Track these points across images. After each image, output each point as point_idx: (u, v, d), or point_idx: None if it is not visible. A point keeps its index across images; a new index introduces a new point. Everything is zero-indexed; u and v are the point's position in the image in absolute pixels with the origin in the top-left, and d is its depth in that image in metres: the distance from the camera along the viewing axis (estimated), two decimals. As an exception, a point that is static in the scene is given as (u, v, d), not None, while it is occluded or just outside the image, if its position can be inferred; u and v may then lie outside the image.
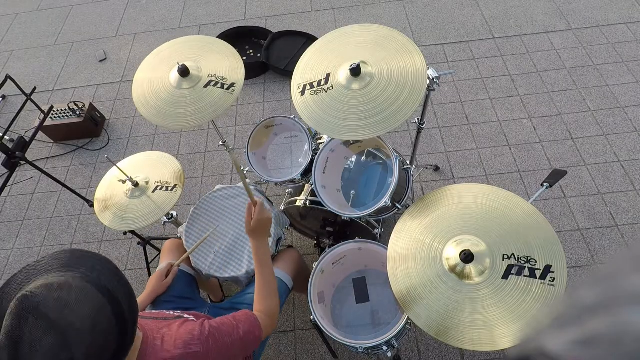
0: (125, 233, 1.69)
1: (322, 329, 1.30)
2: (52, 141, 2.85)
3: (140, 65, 1.61)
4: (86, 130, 2.76)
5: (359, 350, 1.27)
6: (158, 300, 1.33)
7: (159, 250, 2.18)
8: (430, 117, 2.56)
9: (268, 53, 2.93)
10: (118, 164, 1.58)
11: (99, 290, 0.65)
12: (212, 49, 1.60)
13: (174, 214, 1.73)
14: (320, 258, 1.43)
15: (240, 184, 1.58)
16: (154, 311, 1.11)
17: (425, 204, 1.28)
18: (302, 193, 1.67)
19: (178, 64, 1.50)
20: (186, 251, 1.47)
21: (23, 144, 1.72)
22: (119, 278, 0.70)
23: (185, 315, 1.07)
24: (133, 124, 2.87)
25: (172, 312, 1.09)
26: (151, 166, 1.67)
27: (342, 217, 1.51)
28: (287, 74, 2.87)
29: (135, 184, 1.58)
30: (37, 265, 0.68)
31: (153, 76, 1.57)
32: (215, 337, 0.91)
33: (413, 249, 1.20)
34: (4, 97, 3.16)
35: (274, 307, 1.11)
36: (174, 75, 1.53)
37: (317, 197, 1.49)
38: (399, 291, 1.16)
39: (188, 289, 1.43)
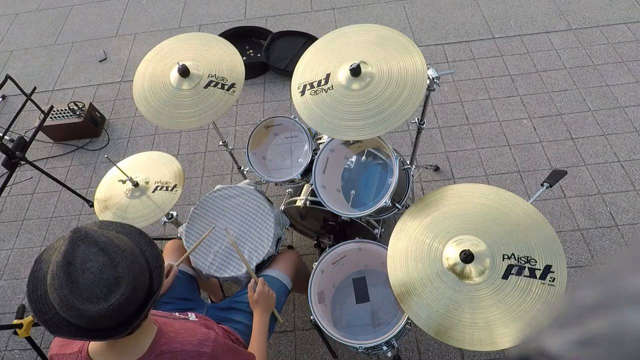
0: (125, 233, 1.69)
1: (322, 329, 1.30)
2: (52, 141, 2.85)
3: (141, 63, 1.61)
4: (86, 130, 2.76)
5: (359, 350, 1.27)
6: (158, 301, 1.33)
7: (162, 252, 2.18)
8: (430, 117, 2.56)
9: (268, 53, 2.93)
10: (118, 164, 1.58)
11: (136, 245, 0.80)
12: (213, 47, 1.60)
13: (174, 214, 1.73)
14: (320, 258, 1.43)
15: (240, 184, 1.58)
16: (160, 311, 1.12)
17: (425, 204, 1.28)
18: (302, 193, 1.67)
19: (178, 64, 1.50)
20: (186, 251, 1.47)
21: (23, 144, 1.72)
22: (155, 252, 0.84)
23: (191, 318, 1.09)
24: (133, 124, 2.87)
25: (176, 314, 1.10)
26: (151, 166, 1.67)
27: (342, 217, 1.51)
28: (287, 74, 2.87)
29: (135, 184, 1.57)
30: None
31: (154, 73, 1.57)
32: (224, 349, 0.93)
33: (413, 249, 1.20)
34: (4, 97, 3.16)
35: None
36: (174, 75, 1.53)
37: (317, 197, 1.49)
38: (399, 291, 1.16)
39: (188, 290, 1.43)
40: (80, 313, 0.68)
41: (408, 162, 1.85)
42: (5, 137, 2.10)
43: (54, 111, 2.67)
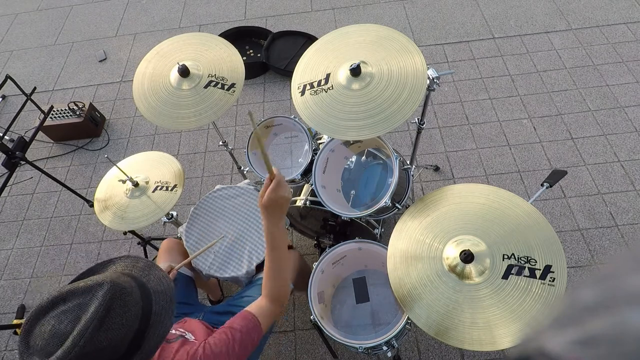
0: (125, 233, 1.69)
1: (322, 329, 1.30)
2: (52, 141, 2.85)
3: (141, 63, 1.61)
4: (86, 130, 2.76)
5: (359, 350, 1.27)
6: None
7: (156, 249, 2.18)
8: (430, 117, 2.56)
9: (268, 53, 2.93)
10: (118, 164, 1.58)
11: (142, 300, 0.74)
12: (213, 47, 1.60)
13: (174, 214, 1.73)
14: (320, 258, 1.43)
15: (240, 184, 1.58)
16: None
17: (425, 204, 1.28)
18: (302, 193, 1.67)
19: (178, 64, 1.50)
20: (185, 251, 1.47)
21: (23, 144, 1.72)
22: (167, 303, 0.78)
23: (187, 336, 1.05)
24: (133, 124, 2.87)
25: (173, 331, 1.07)
26: (151, 166, 1.67)
27: (342, 217, 1.51)
28: (287, 74, 2.87)
29: (135, 184, 1.58)
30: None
31: (154, 73, 1.57)
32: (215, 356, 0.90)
33: (413, 249, 1.20)
34: (4, 97, 3.16)
35: (281, 291, 1.03)
36: (174, 75, 1.53)
37: (317, 197, 1.49)
38: (399, 291, 1.16)
39: (186, 293, 1.42)
40: None
41: (408, 162, 1.85)
42: (5, 137, 2.10)
43: (54, 111, 2.67)
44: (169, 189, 1.58)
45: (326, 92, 1.33)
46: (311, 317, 1.33)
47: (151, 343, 0.72)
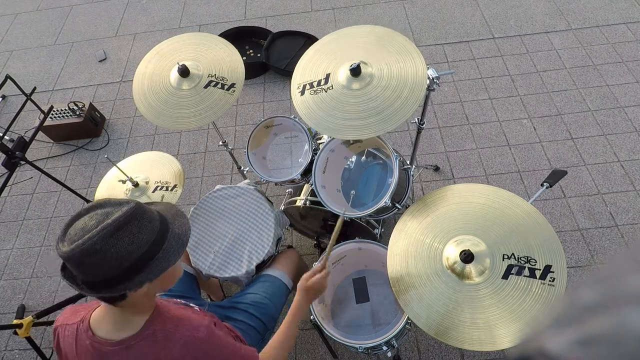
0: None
1: (322, 329, 1.30)
2: (52, 141, 2.85)
3: (141, 63, 1.61)
4: (86, 130, 2.76)
5: (359, 350, 1.27)
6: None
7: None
8: (430, 117, 2.56)
9: (268, 53, 2.93)
10: (118, 164, 1.58)
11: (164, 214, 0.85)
12: (213, 47, 1.60)
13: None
14: (321, 258, 1.43)
15: (240, 184, 1.58)
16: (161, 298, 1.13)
17: (425, 204, 1.28)
18: (302, 193, 1.67)
19: (178, 64, 1.50)
20: (185, 252, 1.47)
21: (23, 144, 1.72)
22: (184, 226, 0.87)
23: (192, 305, 1.09)
24: (133, 124, 2.87)
25: (180, 301, 1.10)
26: (151, 166, 1.67)
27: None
28: (287, 74, 2.87)
29: (135, 184, 1.57)
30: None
31: (154, 73, 1.57)
32: (218, 338, 0.92)
33: (413, 249, 1.20)
34: (4, 97, 3.16)
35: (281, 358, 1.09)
36: (174, 75, 1.53)
37: (317, 197, 1.49)
38: (399, 291, 1.16)
39: (188, 289, 1.43)
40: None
41: (408, 162, 1.85)
42: (5, 137, 2.10)
43: (54, 111, 2.67)
44: (169, 189, 1.58)
45: (326, 92, 1.33)
46: (311, 317, 1.33)
47: (150, 271, 0.78)
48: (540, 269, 1.08)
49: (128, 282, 0.76)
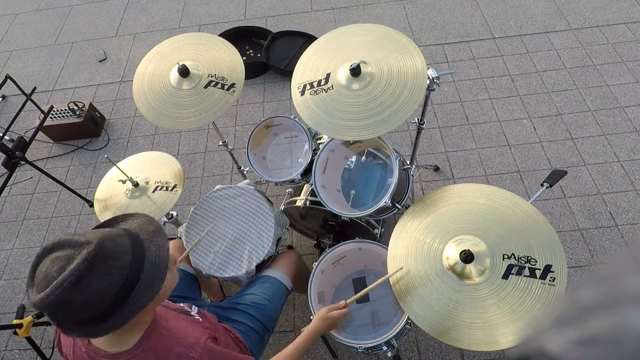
0: (125, 233, 1.69)
1: (322, 329, 1.30)
2: (52, 141, 2.85)
3: (141, 63, 1.61)
4: (86, 130, 2.76)
5: (359, 350, 1.26)
6: None
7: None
8: (430, 117, 2.56)
9: (268, 53, 2.93)
10: (118, 164, 1.58)
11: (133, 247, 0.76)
12: (213, 47, 1.60)
13: (174, 214, 1.73)
14: (320, 258, 1.43)
15: (240, 184, 1.58)
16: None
17: (425, 204, 1.27)
18: (302, 193, 1.67)
19: (178, 64, 1.50)
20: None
21: (23, 144, 1.72)
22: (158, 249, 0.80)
23: (192, 312, 1.08)
24: (133, 124, 2.87)
25: (180, 304, 1.10)
26: (151, 166, 1.67)
27: (342, 217, 1.51)
28: (287, 74, 2.87)
29: (135, 184, 1.57)
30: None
31: (154, 73, 1.57)
32: (214, 355, 0.91)
33: (413, 249, 1.20)
34: (4, 97, 3.16)
35: None
36: (174, 75, 1.53)
37: (317, 197, 1.49)
38: (399, 291, 1.16)
39: (189, 289, 1.43)
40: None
41: (408, 162, 1.85)
42: (5, 137, 2.10)
43: (54, 111, 2.67)
44: (169, 189, 1.58)
45: (326, 92, 1.33)
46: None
47: (130, 309, 0.74)
48: (540, 269, 1.08)
49: (109, 321, 0.72)
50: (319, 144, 1.67)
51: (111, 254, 0.72)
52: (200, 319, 1.09)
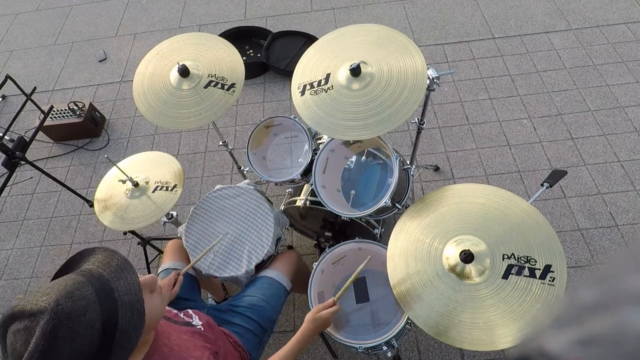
0: (125, 233, 1.69)
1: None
2: (52, 141, 2.85)
3: (141, 63, 1.61)
4: (86, 130, 2.76)
5: (359, 350, 1.26)
6: None
7: (158, 250, 2.18)
8: (430, 117, 2.56)
9: (268, 53, 2.93)
10: (118, 164, 1.58)
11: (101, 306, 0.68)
12: (213, 47, 1.60)
13: (174, 214, 1.73)
14: (320, 258, 1.43)
15: (240, 184, 1.58)
16: (166, 307, 1.11)
17: (425, 204, 1.27)
18: (302, 193, 1.67)
19: (178, 64, 1.50)
20: (187, 252, 1.47)
21: (23, 144, 1.72)
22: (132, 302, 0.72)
23: (194, 322, 1.06)
24: (133, 124, 2.87)
25: (182, 315, 1.08)
26: (151, 166, 1.67)
27: (342, 217, 1.51)
28: (287, 74, 2.87)
29: (135, 184, 1.57)
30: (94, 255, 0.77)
31: (154, 73, 1.57)
32: None
33: (413, 249, 1.20)
34: (4, 97, 3.16)
35: None
36: (174, 75, 1.53)
37: (317, 197, 1.49)
38: (399, 291, 1.16)
39: (189, 291, 1.42)
40: None
41: (408, 162, 1.85)
42: (5, 137, 2.10)
43: (54, 111, 2.67)
44: (169, 189, 1.58)
45: (326, 92, 1.33)
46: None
47: (120, 355, 0.68)
48: (540, 269, 1.08)
49: None
50: (319, 144, 1.67)
51: (72, 315, 0.64)
52: (203, 329, 1.07)
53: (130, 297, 0.70)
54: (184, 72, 1.50)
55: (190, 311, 1.14)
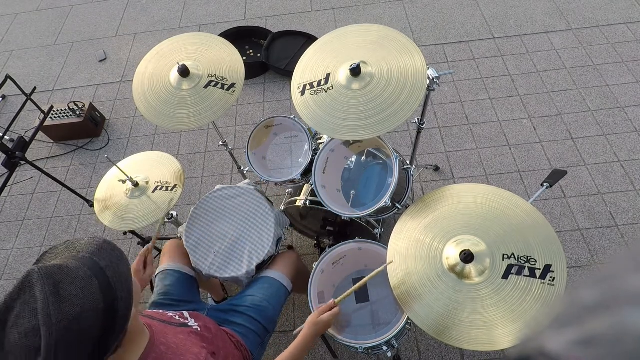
0: (125, 233, 1.69)
1: (322, 329, 1.30)
2: (52, 141, 2.85)
3: (141, 63, 1.61)
4: (86, 130, 2.76)
5: (359, 350, 1.27)
6: (160, 304, 1.32)
7: (158, 250, 2.18)
8: (430, 117, 2.56)
9: (268, 53, 2.93)
10: (118, 164, 1.58)
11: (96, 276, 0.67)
12: (213, 47, 1.60)
13: (174, 214, 1.73)
14: (320, 258, 1.43)
15: (240, 184, 1.58)
16: (160, 311, 1.11)
17: (425, 204, 1.28)
18: (302, 193, 1.67)
19: (178, 64, 1.50)
20: (186, 252, 1.47)
21: (23, 144, 1.72)
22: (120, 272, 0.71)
23: (190, 323, 1.06)
24: (133, 124, 2.87)
25: (177, 317, 1.08)
26: (151, 166, 1.67)
27: (342, 217, 1.51)
28: (287, 74, 2.87)
29: (135, 184, 1.57)
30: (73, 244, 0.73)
31: (154, 73, 1.57)
32: None
33: (413, 249, 1.20)
34: (4, 97, 3.16)
35: None
36: (174, 75, 1.53)
37: (317, 197, 1.49)
38: (399, 291, 1.16)
39: (189, 292, 1.42)
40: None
41: (408, 162, 1.85)
42: (5, 137, 2.10)
43: (54, 111, 2.67)
44: (169, 189, 1.58)
45: (326, 92, 1.33)
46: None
47: (123, 303, 0.68)
48: (540, 269, 1.08)
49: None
50: (319, 144, 1.67)
51: (62, 271, 0.64)
52: (199, 329, 1.06)
53: (111, 260, 0.70)
54: (184, 72, 1.50)
55: (185, 314, 1.13)
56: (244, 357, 1.21)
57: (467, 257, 1.09)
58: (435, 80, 1.36)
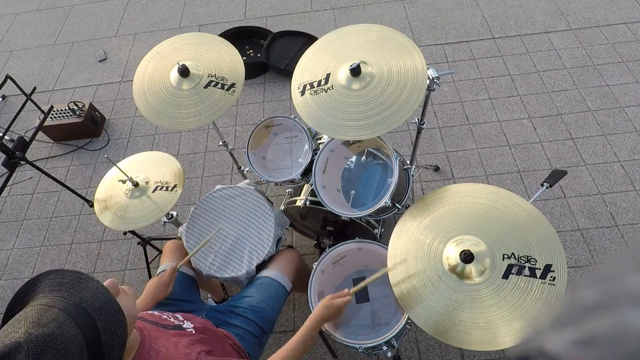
0: (125, 233, 1.69)
1: (322, 329, 1.30)
2: (52, 141, 2.85)
3: (141, 63, 1.61)
4: (86, 130, 2.76)
5: (359, 350, 1.27)
6: (159, 303, 1.32)
7: (159, 250, 2.18)
8: (430, 117, 2.56)
9: (268, 53, 2.93)
10: (118, 164, 1.58)
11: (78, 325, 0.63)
12: (213, 47, 1.60)
13: (174, 214, 1.73)
14: (320, 258, 1.43)
15: (240, 184, 1.58)
16: (155, 313, 1.10)
17: (425, 204, 1.28)
18: (302, 193, 1.67)
19: (178, 64, 1.50)
20: (187, 252, 1.47)
21: (23, 144, 1.72)
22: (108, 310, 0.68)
23: (184, 325, 1.05)
24: (133, 124, 2.87)
25: (171, 319, 1.07)
26: (151, 166, 1.67)
27: (342, 217, 1.51)
28: (287, 74, 2.87)
29: (135, 184, 1.58)
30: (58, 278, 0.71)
31: (154, 73, 1.57)
32: None
33: (413, 249, 1.20)
34: (4, 97, 3.16)
35: None
36: (174, 75, 1.53)
37: (317, 197, 1.49)
38: (399, 291, 1.16)
39: (188, 292, 1.42)
40: None
41: (408, 162, 1.85)
42: (5, 137, 2.10)
43: (54, 111, 2.67)
44: (169, 189, 1.58)
45: (326, 92, 1.33)
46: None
47: (114, 355, 0.66)
48: (540, 269, 1.08)
49: None
50: (319, 144, 1.67)
51: (49, 338, 0.59)
52: (194, 331, 1.04)
53: (100, 301, 0.67)
54: (184, 72, 1.50)
55: (179, 316, 1.11)
56: (240, 359, 1.20)
57: (467, 257, 1.09)
58: (435, 80, 1.36)
